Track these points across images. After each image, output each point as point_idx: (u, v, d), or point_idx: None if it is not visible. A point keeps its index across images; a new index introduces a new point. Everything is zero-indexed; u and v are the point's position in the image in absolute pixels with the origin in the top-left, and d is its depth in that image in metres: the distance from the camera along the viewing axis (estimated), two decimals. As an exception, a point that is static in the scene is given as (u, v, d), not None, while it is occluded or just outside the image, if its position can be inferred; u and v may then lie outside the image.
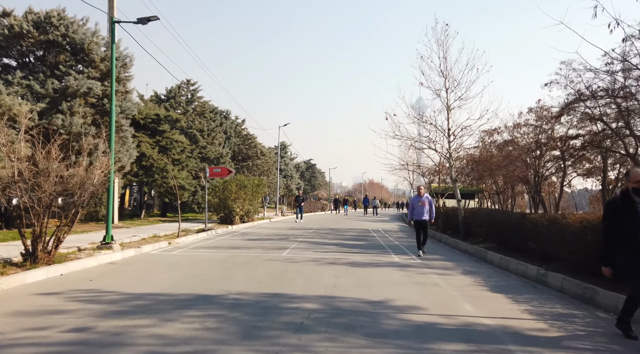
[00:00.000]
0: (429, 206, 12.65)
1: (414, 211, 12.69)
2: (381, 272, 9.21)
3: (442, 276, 8.92)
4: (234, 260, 10.54)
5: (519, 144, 20.76)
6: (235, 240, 15.44)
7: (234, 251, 12.32)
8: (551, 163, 22.34)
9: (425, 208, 12.53)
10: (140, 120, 23.22)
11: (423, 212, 12.50)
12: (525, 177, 22.16)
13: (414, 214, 12.72)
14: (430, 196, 22.13)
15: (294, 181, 67.90)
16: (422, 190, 12.85)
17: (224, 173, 18.49)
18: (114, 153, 16.93)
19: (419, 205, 12.56)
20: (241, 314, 5.54)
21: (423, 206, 12.51)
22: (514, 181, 24.49)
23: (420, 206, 12.54)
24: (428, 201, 12.63)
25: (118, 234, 15.05)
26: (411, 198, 12.92)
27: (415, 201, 12.73)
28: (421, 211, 12.50)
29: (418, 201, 12.63)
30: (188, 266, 9.42)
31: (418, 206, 12.58)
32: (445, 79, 18.32)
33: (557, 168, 22.34)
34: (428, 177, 31.21)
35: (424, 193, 12.82)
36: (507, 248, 12.89)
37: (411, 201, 13.04)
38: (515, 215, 13.06)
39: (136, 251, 11.38)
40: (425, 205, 12.54)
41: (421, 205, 12.52)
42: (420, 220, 12.51)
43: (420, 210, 12.51)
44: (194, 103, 30.49)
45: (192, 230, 18.49)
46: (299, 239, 16.19)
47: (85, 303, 6.03)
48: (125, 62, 17.34)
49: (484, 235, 15.63)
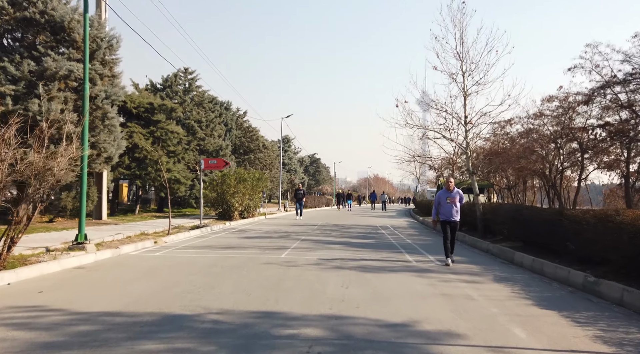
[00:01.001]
0: (460, 204, 10.14)
1: (441, 209, 10.09)
2: (398, 279, 7.70)
3: (471, 285, 7.39)
4: (225, 263, 9.06)
5: (542, 133, 19.11)
6: (231, 238, 13.97)
7: (227, 252, 10.84)
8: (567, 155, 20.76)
9: (455, 206, 9.95)
10: (133, 108, 21.74)
11: (452, 211, 9.92)
12: (543, 169, 20.56)
13: (440, 213, 10.11)
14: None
15: (297, 175, 66.38)
16: (451, 183, 10.11)
17: (220, 165, 16.99)
18: (101, 145, 15.50)
19: (447, 202, 9.93)
20: (216, 350, 4.04)
21: (452, 204, 9.90)
22: (526, 175, 22.95)
23: (448, 203, 9.91)
24: (459, 198, 10.04)
25: (101, 232, 13.61)
26: (437, 193, 10.31)
27: (443, 197, 10.03)
28: (450, 210, 9.91)
29: (446, 197, 9.96)
30: (168, 272, 7.94)
31: (446, 203, 9.94)
32: (462, 62, 16.75)
33: (574, 161, 20.76)
34: (437, 170, 29.66)
35: (454, 187, 10.07)
36: (536, 248, 11.39)
37: (437, 196, 10.29)
38: (547, 211, 11.49)
39: (113, 252, 9.91)
40: (456, 202, 9.94)
41: (450, 202, 9.89)
42: (449, 221, 9.91)
43: (449, 209, 9.91)
44: (192, 92, 28.96)
45: (185, 227, 17.04)
46: (302, 237, 14.71)
47: (13, 328, 4.55)
48: (112, 43, 15.83)
49: (506, 232, 14.10)
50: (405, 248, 12.39)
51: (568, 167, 21.48)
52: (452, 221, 9.97)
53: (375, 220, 26.05)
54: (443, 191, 10.13)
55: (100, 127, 15.48)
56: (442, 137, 17.16)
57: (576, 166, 20.23)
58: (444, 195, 10.05)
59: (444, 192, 10.08)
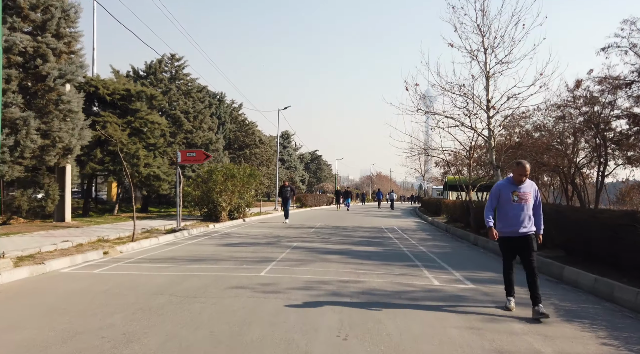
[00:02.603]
0: (534, 205, 5.83)
1: (501, 213, 5.84)
2: (422, 319, 5.19)
3: (532, 329, 4.89)
4: (179, 287, 6.56)
5: (572, 123, 16.57)
6: (207, 246, 11.48)
7: (192, 267, 8.36)
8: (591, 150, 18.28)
9: (527, 210, 5.72)
10: (107, 95, 19.23)
11: (523, 217, 5.68)
12: (562, 165, 18.05)
13: (500, 220, 5.86)
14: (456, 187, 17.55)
15: (297, 172, 63.88)
16: (525, 168, 5.69)
17: (200, 158, 14.51)
18: (55, 133, 13.04)
19: (512, 202, 5.72)
20: None
21: (523, 203, 5.70)
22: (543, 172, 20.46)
23: (515, 203, 5.71)
24: (534, 195, 5.82)
25: (48, 238, 11.13)
26: (496, 185, 6.00)
27: (506, 191, 5.79)
28: (517, 216, 5.68)
29: (512, 191, 5.75)
30: (84, 307, 5.44)
31: (511, 203, 5.73)
32: (484, 37, 14.25)
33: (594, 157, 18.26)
34: (444, 167, 27.05)
35: (527, 175, 5.77)
36: (581, 258, 8.99)
37: (495, 190, 5.95)
38: (607, 214, 8.95)
39: (34, 270, 7.43)
40: (528, 200, 5.73)
41: (518, 201, 5.70)
42: (517, 236, 5.69)
43: (516, 213, 5.69)
44: (179, 81, 26.44)
45: (160, 230, 14.58)
46: (294, 243, 12.22)
47: None
48: (69, 13, 13.33)
49: (541, 238, 11.60)
50: (421, 260, 9.88)
51: (587, 162, 19.00)
52: (523, 237, 5.66)
53: (380, 221, 23.53)
54: (506, 183, 5.86)
55: (54, 113, 12.99)
56: (460, 125, 14.62)
57: (597, 162, 17.70)
58: (508, 188, 5.79)
59: (508, 184, 5.82)
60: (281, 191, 20.80)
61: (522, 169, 5.72)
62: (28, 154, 12.44)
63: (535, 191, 5.89)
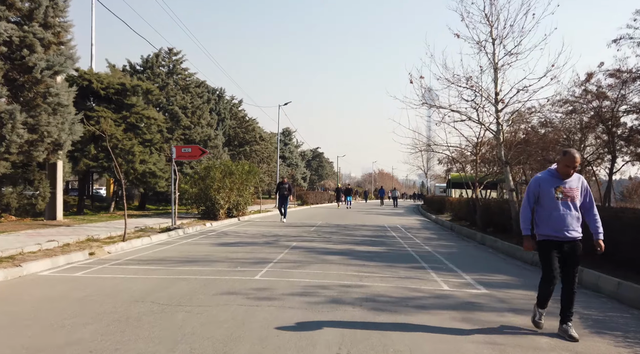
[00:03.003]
0: (584, 204, 4.77)
1: (541, 213, 4.77)
2: (435, 333, 4.59)
3: (561, 342, 4.29)
4: (164, 293, 5.97)
5: (585, 115, 15.93)
6: (201, 246, 10.90)
7: (183, 269, 7.77)
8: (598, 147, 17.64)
9: (575, 210, 4.65)
10: (101, 90, 18.64)
11: (570, 219, 4.63)
12: None
13: (539, 222, 4.78)
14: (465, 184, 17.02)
15: (299, 170, 63.28)
16: (575, 157, 4.55)
17: (196, 153, 13.91)
18: (43, 127, 12.46)
19: (556, 198, 4.64)
20: None
21: (569, 201, 4.65)
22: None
23: (560, 200, 4.64)
24: (583, 191, 4.75)
25: (34, 237, 10.56)
26: (535, 179, 4.85)
27: (548, 186, 4.70)
28: (564, 216, 4.62)
29: (555, 187, 4.67)
30: (54, 318, 4.85)
31: (554, 201, 4.65)
32: (492, 27, 13.60)
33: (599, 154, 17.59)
34: (447, 164, 26.42)
35: (575, 168, 4.64)
36: (604, 260, 8.39)
37: (534, 185, 4.81)
38: (630, 213, 8.32)
39: (8, 273, 6.84)
40: (576, 197, 4.66)
41: (564, 198, 4.64)
42: (563, 239, 4.63)
43: (563, 213, 4.63)
44: (177, 75, 25.83)
45: (154, 229, 14.00)
46: (293, 243, 11.63)
47: None
48: (57, 1, 12.73)
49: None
50: (428, 261, 9.28)
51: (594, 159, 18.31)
52: (569, 241, 4.60)
53: (383, 219, 22.93)
54: (548, 176, 4.72)
55: (42, 106, 12.40)
56: (467, 119, 14.00)
57: (610, 158, 17.01)
58: (551, 182, 4.67)
59: (551, 178, 4.69)
60: (279, 188, 19.51)
61: (570, 159, 4.54)
62: (14, 149, 11.87)
63: (585, 187, 4.75)
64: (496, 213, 15.15)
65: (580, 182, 4.75)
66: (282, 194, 19.01)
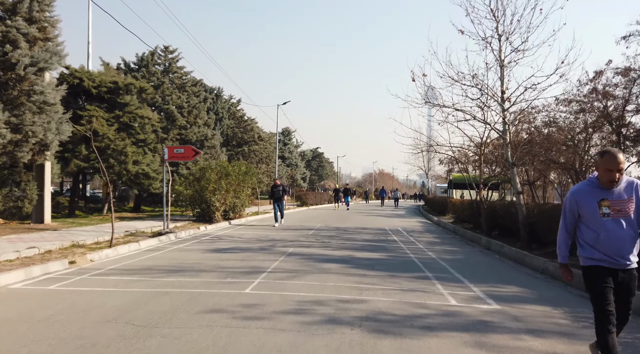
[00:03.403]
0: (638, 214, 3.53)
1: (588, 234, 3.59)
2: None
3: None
4: (141, 312, 5.37)
5: (594, 114, 15.31)
6: (192, 253, 10.30)
7: (168, 280, 7.18)
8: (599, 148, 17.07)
9: (629, 229, 3.48)
10: (93, 88, 18.04)
11: (622, 239, 3.47)
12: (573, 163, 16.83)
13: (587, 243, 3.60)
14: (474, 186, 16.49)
15: (299, 170, 62.69)
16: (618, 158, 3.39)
17: (189, 154, 13.33)
18: (27, 127, 11.88)
19: (601, 216, 3.50)
20: None
21: (620, 216, 3.48)
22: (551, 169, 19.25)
23: (608, 219, 3.49)
24: (638, 200, 3.51)
25: (16, 243, 9.98)
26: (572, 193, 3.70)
27: (590, 201, 3.56)
28: (614, 238, 3.47)
29: (601, 199, 3.52)
30: (8, 345, 4.25)
31: (600, 220, 3.51)
32: (498, 23, 13.00)
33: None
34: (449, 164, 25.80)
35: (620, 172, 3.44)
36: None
37: (571, 201, 3.67)
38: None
39: (-27, 287, 6.27)
40: (629, 211, 3.49)
41: (613, 213, 3.48)
42: (616, 268, 3.52)
43: (613, 233, 3.47)
44: (172, 74, 25.24)
45: (145, 233, 13.42)
46: (289, 249, 11.04)
47: None
48: (43, -5, 12.14)
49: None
50: (432, 270, 8.68)
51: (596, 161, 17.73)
52: (624, 270, 3.54)
53: (384, 221, 22.32)
54: (587, 188, 3.64)
55: (27, 104, 11.81)
56: (472, 118, 13.39)
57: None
58: (593, 195, 3.57)
59: (591, 189, 3.60)
60: (273, 191, 18.60)
61: (611, 161, 3.42)
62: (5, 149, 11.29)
63: (637, 194, 3.53)
64: (502, 216, 14.56)
65: (635, 190, 3.53)
66: (277, 197, 18.12)
